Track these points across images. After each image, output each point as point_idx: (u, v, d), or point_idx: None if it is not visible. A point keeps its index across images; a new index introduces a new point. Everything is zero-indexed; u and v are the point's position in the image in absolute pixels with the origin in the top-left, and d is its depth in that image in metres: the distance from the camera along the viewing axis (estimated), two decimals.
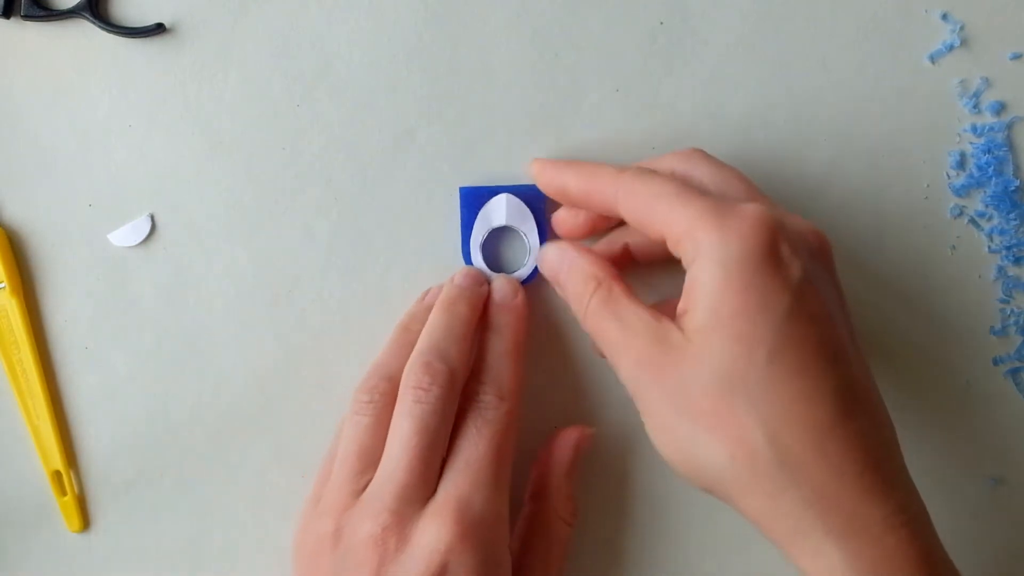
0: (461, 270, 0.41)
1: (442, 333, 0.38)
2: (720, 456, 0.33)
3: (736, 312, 0.32)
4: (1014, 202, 0.42)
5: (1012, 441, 0.42)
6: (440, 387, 0.37)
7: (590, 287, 0.36)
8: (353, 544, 0.35)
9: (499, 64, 0.42)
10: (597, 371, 0.42)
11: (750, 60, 0.42)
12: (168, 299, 0.42)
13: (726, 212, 0.33)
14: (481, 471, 0.36)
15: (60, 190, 0.42)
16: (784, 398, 0.32)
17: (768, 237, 0.33)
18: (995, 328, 0.42)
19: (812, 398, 0.32)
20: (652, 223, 0.35)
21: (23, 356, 0.41)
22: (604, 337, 0.36)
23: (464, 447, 0.37)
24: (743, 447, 0.32)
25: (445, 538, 0.34)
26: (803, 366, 0.32)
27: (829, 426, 0.32)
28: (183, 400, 0.42)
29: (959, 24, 0.42)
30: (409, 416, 0.36)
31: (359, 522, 0.35)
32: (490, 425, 0.37)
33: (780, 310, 0.32)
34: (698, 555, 0.42)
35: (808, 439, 0.32)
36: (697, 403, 0.33)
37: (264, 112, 0.42)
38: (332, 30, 0.42)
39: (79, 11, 0.41)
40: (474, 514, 0.35)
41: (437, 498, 0.36)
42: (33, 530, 0.42)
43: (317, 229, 0.42)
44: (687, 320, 0.33)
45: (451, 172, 0.42)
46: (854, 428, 0.32)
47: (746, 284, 0.32)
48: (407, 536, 0.35)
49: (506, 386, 0.38)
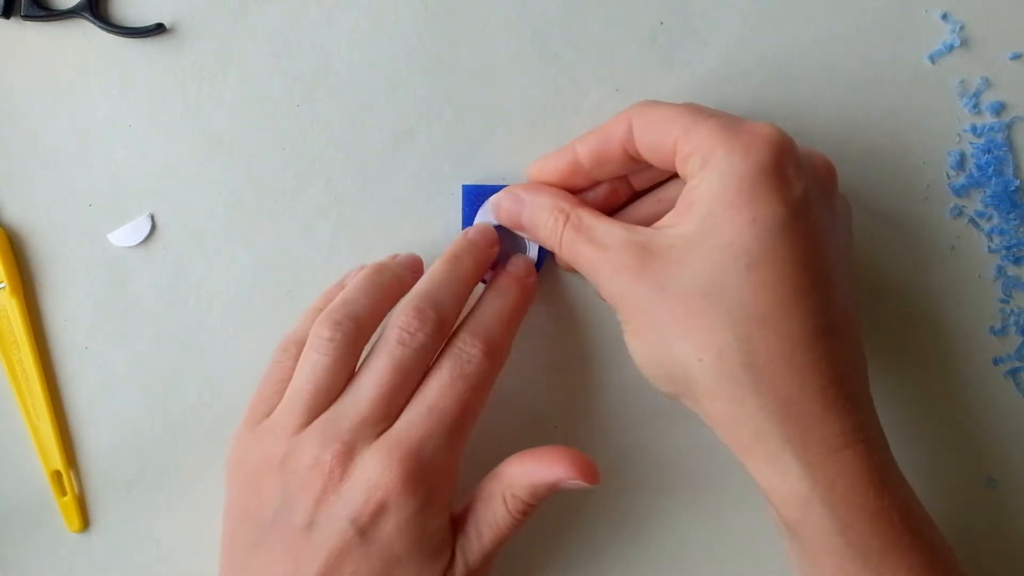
0: (477, 225, 0.40)
1: (441, 283, 0.38)
2: (689, 357, 0.33)
3: (727, 220, 0.33)
4: (1014, 202, 0.42)
5: (1011, 441, 0.42)
6: (426, 335, 0.36)
7: (560, 221, 0.37)
8: (300, 467, 0.35)
9: (499, 64, 0.42)
10: (597, 370, 0.42)
11: (750, 60, 0.42)
12: (168, 299, 0.42)
13: (738, 129, 0.34)
14: (443, 422, 0.35)
15: (60, 190, 0.42)
16: (759, 305, 0.32)
17: (775, 154, 0.33)
18: (995, 328, 0.42)
19: (787, 309, 0.32)
20: (664, 143, 0.35)
21: (23, 356, 0.41)
22: (582, 262, 0.36)
23: (432, 392, 0.36)
24: (712, 349, 0.33)
25: (387, 476, 0.34)
26: (782, 279, 0.33)
27: (800, 339, 0.32)
28: (183, 400, 0.42)
29: (959, 24, 0.42)
30: (389, 356, 0.36)
31: (309, 446, 0.35)
32: (466, 379, 0.36)
33: (770, 224, 0.33)
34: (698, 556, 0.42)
35: (778, 348, 0.32)
36: (673, 307, 0.33)
37: (264, 112, 0.42)
38: (332, 30, 0.42)
39: (79, 11, 0.41)
40: (423, 460, 0.35)
41: (390, 434, 0.35)
42: (33, 530, 0.42)
43: (317, 229, 0.42)
44: (677, 227, 0.34)
45: (451, 172, 0.42)
46: (825, 345, 0.33)
47: (743, 196, 0.33)
48: (352, 467, 0.35)
49: (495, 344, 0.37)
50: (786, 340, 0.33)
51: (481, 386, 0.37)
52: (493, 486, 0.37)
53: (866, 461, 0.33)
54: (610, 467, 0.42)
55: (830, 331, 0.33)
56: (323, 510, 0.35)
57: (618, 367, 0.42)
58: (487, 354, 0.37)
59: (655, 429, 0.42)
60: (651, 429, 0.42)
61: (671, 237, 0.34)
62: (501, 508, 0.36)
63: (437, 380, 0.36)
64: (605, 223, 0.36)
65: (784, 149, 0.33)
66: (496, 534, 0.36)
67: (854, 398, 0.33)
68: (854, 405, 0.33)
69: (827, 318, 0.33)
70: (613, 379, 0.42)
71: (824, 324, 0.33)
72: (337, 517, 0.35)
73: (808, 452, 0.33)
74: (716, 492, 0.42)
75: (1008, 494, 0.42)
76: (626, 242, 0.35)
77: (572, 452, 0.36)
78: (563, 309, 0.42)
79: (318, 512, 0.35)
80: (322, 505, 0.35)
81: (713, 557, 0.42)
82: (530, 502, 0.36)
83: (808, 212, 0.33)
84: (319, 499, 0.35)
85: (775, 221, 0.33)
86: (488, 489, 0.37)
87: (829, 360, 0.33)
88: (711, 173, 0.33)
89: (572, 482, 0.35)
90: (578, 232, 0.36)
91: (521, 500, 0.36)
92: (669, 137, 0.35)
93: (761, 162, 0.33)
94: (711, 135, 0.34)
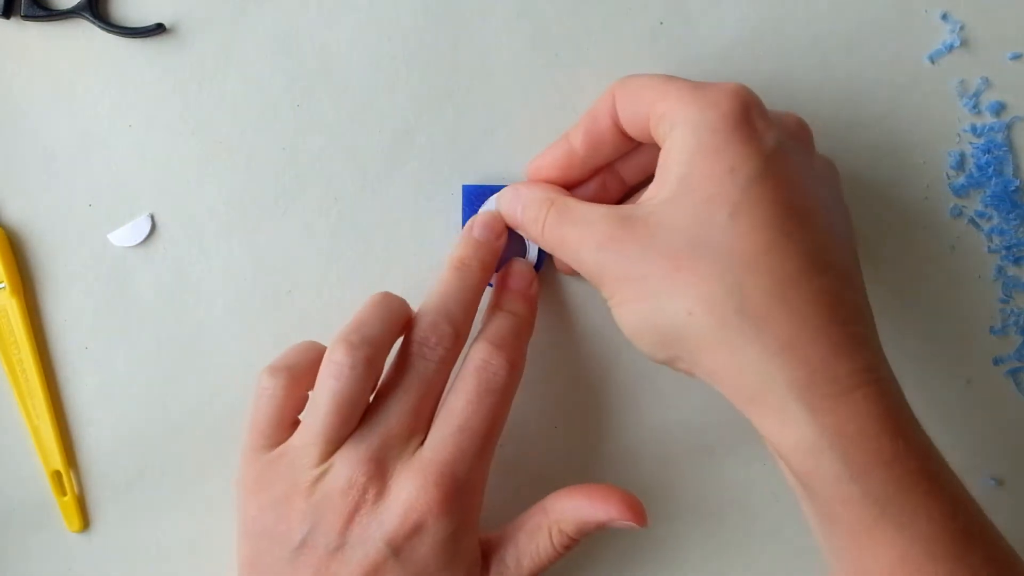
0: (481, 216, 0.40)
1: (452, 295, 0.38)
2: (680, 313, 0.32)
3: (704, 175, 0.33)
4: (1014, 202, 0.42)
5: (1012, 441, 0.42)
6: (445, 349, 0.37)
7: (543, 208, 0.37)
8: (333, 490, 0.35)
9: (499, 64, 0.42)
10: (597, 369, 0.42)
11: (750, 60, 0.42)
12: (168, 299, 0.42)
13: (705, 87, 0.34)
14: (474, 440, 0.36)
15: (60, 190, 0.42)
16: (747, 251, 0.32)
17: (742, 106, 0.33)
18: (995, 328, 0.42)
19: (775, 251, 0.32)
20: (640, 113, 0.35)
21: (23, 356, 0.41)
22: (565, 245, 0.36)
23: (461, 410, 0.36)
24: (703, 301, 0.32)
25: (424, 498, 0.35)
26: (767, 223, 0.32)
27: (794, 278, 0.32)
28: (183, 400, 0.42)
29: (959, 24, 0.42)
30: (412, 372, 0.36)
31: (342, 468, 0.35)
32: (492, 394, 0.36)
33: (748, 172, 0.32)
34: (700, 558, 0.42)
35: (770, 288, 0.31)
36: (658, 265, 0.33)
37: (264, 112, 0.42)
38: (332, 30, 0.42)
39: (79, 11, 0.41)
40: (458, 480, 0.35)
41: (422, 454, 0.36)
42: (33, 530, 0.42)
43: (317, 229, 0.42)
44: (659, 195, 0.34)
45: (451, 172, 0.42)
46: (821, 283, 0.32)
47: (717, 149, 0.33)
48: (388, 487, 0.35)
49: (515, 357, 0.38)
50: (778, 282, 0.31)
51: (506, 400, 0.37)
52: (540, 519, 0.37)
53: (878, 403, 0.31)
54: (611, 466, 0.42)
55: (824, 271, 0.32)
56: (355, 531, 0.35)
57: (619, 366, 0.42)
58: (511, 365, 0.37)
59: (655, 428, 0.42)
60: (651, 428, 0.42)
61: (653, 204, 0.34)
62: (546, 541, 0.37)
63: (464, 397, 0.36)
64: (587, 205, 0.36)
65: (750, 102, 0.34)
66: (536, 565, 0.37)
67: (860, 338, 0.32)
68: (860, 344, 0.32)
69: (819, 258, 0.32)
70: (613, 378, 0.42)
71: (817, 263, 0.32)
72: (371, 538, 0.35)
73: (815, 396, 0.31)
74: (718, 490, 0.42)
75: (1008, 494, 0.42)
76: (608, 215, 0.35)
77: (622, 492, 0.36)
78: (561, 310, 0.42)
79: (350, 533, 0.35)
80: (354, 526, 0.35)
81: (712, 555, 0.42)
82: (576, 538, 0.37)
83: (785, 160, 0.33)
84: (351, 519, 0.35)
85: (753, 169, 0.32)
86: (535, 522, 0.37)
87: (828, 300, 0.32)
88: (683, 131, 0.33)
89: (622, 522, 0.36)
90: (561, 215, 0.36)
91: (567, 535, 0.37)
92: (644, 106, 0.35)
93: (729, 113, 0.33)
94: (680, 96, 0.34)
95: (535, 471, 0.42)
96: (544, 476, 0.42)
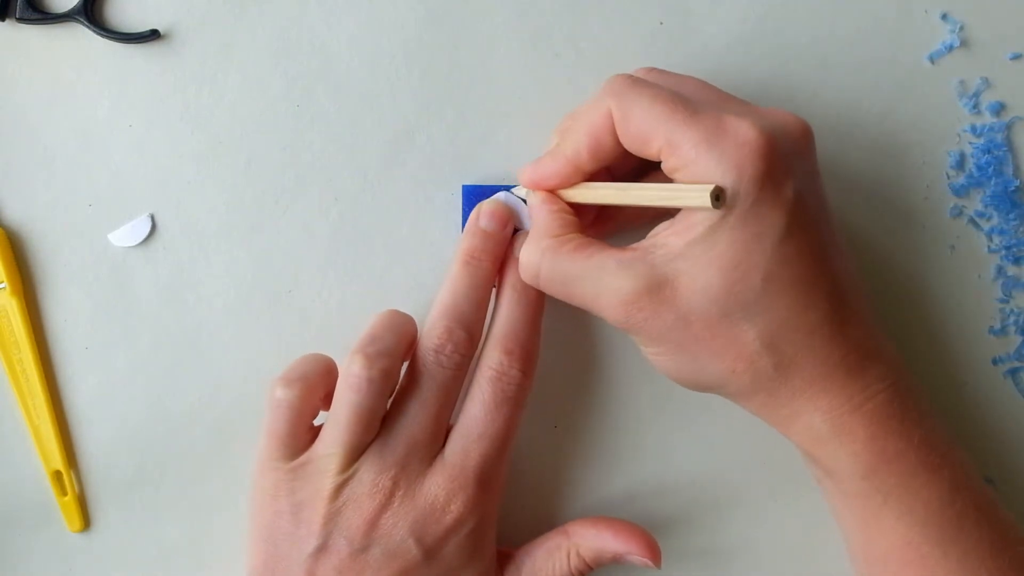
0: (487, 206, 0.40)
1: (463, 293, 0.38)
2: (722, 372, 0.35)
3: (732, 242, 0.33)
4: (1014, 202, 0.42)
5: (1011, 441, 0.42)
6: (461, 355, 0.38)
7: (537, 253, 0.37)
8: (357, 494, 0.36)
9: (499, 64, 0.42)
10: (596, 369, 0.42)
11: (749, 61, 0.42)
12: (168, 299, 0.42)
13: (721, 136, 0.33)
14: (495, 445, 0.37)
15: (60, 190, 0.42)
16: (780, 310, 0.34)
17: (766, 164, 0.33)
18: (994, 328, 0.42)
19: (805, 305, 0.34)
20: (647, 149, 0.35)
21: (23, 356, 0.41)
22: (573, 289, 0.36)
23: (482, 419, 0.37)
24: (743, 360, 0.34)
25: (455, 503, 0.36)
26: (797, 279, 0.34)
27: (819, 326, 0.34)
28: (183, 400, 0.42)
29: (959, 24, 0.42)
30: (430, 379, 0.37)
31: (366, 473, 0.36)
32: (511, 402, 0.38)
33: (774, 235, 0.33)
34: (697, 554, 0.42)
35: (800, 341, 0.34)
36: (697, 331, 0.34)
37: (264, 112, 0.42)
38: (332, 30, 0.42)
39: (74, 15, 0.41)
40: (483, 483, 0.37)
41: (450, 459, 0.37)
42: (33, 530, 0.42)
43: (317, 229, 0.42)
44: (678, 244, 0.34)
45: (451, 172, 0.42)
46: (839, 320, 0.35)
47: (743, 215, 0.33)
48: (415, 488, 0.36)
49: (529, 358, 0.38)
50: (806, 333, 0.34)
51: (522, 403, 0.38)
52: (560, 540, 0.39)
53: (887, 407, 0.35)
54: (610, 465, 0.42)
55: (840, 306, 0.35)
56: (381, 531, 0.36)
57: (618, 365, 0.42)
58: (524, 372, 0.38)
59: (655, 429, 0.42)
60: (651, 429, 0.42)
61: (678, 264, 0.34)
62: (563, 562, 0.38)
63: (482, 407, 0.37)
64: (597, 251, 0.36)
65: (772, 154, 0.33)
66: None
67: (871, 353, 0.35)
68: (872, 359, 0.35)
69: (835, 294, 0.35)
70: (613, 377, 0.42)
71: (833, 301, 0.35)
72: (400, 539, 0.36)
73: (835, 413, 0.35)
74: (718, 489, 0.42)
75: (1008, 494, 0.42)
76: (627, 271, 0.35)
77: (642, 531, 0.39)
78: (562, 310, 0.42)
79: (375, 533, 0.36)
80: (380, 527, 0.36)
81: (711, 553, 0.42)
82: (591, 565, 0.39)
83: (802, 206, 0.34)
84: (376, 521, 0.36)
85: (779, 232, 0.33)
86: (555, 542, 0.39)
87: (845, 332, 0.35)
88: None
89: (638, 558, 0.38)
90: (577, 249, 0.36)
91: (584, 560, 0.38)
92: (652, 146, 0.35)
93: (754, 178, 0.33)
94: (697, 152, 0.33)
95: (535, 471, 0.42)
96: (544, 476, 0.42)
